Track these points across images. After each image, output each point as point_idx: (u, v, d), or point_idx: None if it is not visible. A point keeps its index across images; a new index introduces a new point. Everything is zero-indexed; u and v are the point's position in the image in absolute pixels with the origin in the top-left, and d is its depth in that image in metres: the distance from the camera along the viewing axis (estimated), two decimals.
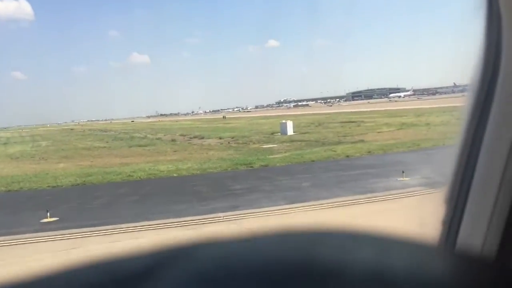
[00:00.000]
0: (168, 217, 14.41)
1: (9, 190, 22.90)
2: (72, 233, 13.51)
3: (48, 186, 23.23)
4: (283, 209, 14.45)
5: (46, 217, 15.41)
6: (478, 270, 0.48)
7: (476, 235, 1.33)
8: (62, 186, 23.20)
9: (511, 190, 1.26)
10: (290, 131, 47.03)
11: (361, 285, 0.36)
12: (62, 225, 14.55)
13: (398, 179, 17.59)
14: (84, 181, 23.94)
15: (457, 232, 1.40)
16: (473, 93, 1.37)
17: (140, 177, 24.10)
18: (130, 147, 45.94)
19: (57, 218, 15.41)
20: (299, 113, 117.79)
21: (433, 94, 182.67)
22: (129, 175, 24.67)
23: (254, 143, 40.77)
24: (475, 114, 1.36)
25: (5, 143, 70.43)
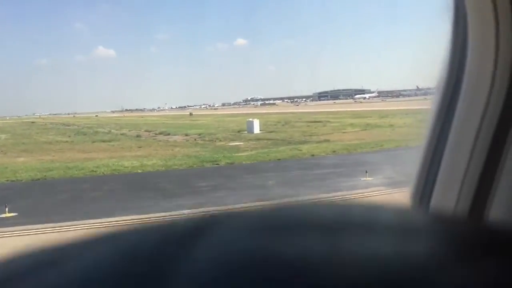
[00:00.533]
0: (131, 214, 14.22)
1: None
2: (31, 229, 13.16)
3: (7, 180, 22.53)
4: (248, 207, 14.43)
5: (4, 212, 14.96)
6: (451, 228, 0.51)
7: (448, 199, 1.39)
8: (21, 180, 22.54)
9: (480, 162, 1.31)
10: (256, 129, 47.15)
11: (343, 249, 0.40)
12: (21, 221, 14.14)
13: (362, 178, 17.93)
14: (45, 175, 23.32)
15: (429, 198, 1.44)
16: (439, 94, 1.41)
17: (103, 173, 23.67)
18: (94, 142, 45.01)
19: (16, 214, 14.98)
20: (266, 111, 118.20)
21: (397, 96, 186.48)
22: (92, 171, 24.20)
23: (220, 140, 40.70)
24: (440, 115, 1.40)
25: None
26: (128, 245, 0.46)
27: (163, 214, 14.08)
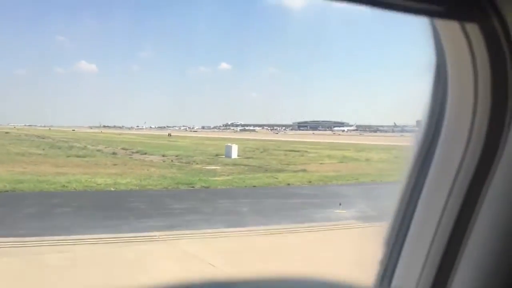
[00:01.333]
0: (100, 233, 13.90)
1: None
2: None
3: None
4: (219, 232, 14.33)
5: None
6: None
7: (410, 278, 1.38)
8: None
9: (445, 235, 1.33)
10: (234, 154, 47.10)
11: None
12: None
13: (335, 211, 17.98)
14: (14, 188, 22.69)
15: (392, 274, 1.45)
16: (420, 134, 1.44)
17: (75, 188, 23.20)
18: (68, 156, 44.20)
19: None
20: (245, 137, 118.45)
21: (374, 131, 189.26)
22: (64, 186, 23.68)
23: (197, 163, 40.47)
24: (420, 156, 1.43)
25: None
26: None
27: (132, 234, 13.81)
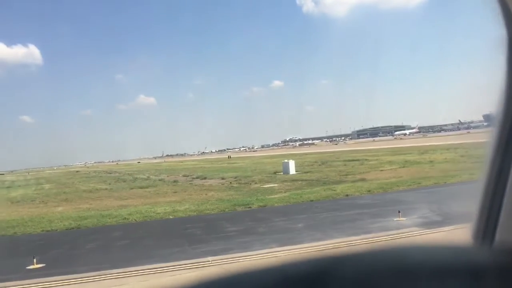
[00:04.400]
0: (156, 262, 14.04)
1: (3, 235, 22.59)
2: (57, 281, 13.14)
3: (42, 231, 22.88)
4: (273, 252, 14.00)
5: (33, 264, 15.05)
6: None
7: None
8: (56, 230, 22.85)
9: None
10: (292, 170, 46.81)
11: None
12: (47, 272, 14.16)
13: (394, 219, 17.16)
14: (78, 224, 23.59)
15: (494, 230, 1.38)
16: (497, 128, 1.36)
17: (135, 220, 23.75)
18: (131, 188, 45.71)
19: (44, 265, 15.04)
20: (304, 151, 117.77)
21: (438, 131, 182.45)
22: (125, 218, 24.32)
23: (256, 183, 40.48)
24: (500, 148, 1.35)
25: (8, 187, 70.13)
26: None
27: (186, 261, 13.81)
